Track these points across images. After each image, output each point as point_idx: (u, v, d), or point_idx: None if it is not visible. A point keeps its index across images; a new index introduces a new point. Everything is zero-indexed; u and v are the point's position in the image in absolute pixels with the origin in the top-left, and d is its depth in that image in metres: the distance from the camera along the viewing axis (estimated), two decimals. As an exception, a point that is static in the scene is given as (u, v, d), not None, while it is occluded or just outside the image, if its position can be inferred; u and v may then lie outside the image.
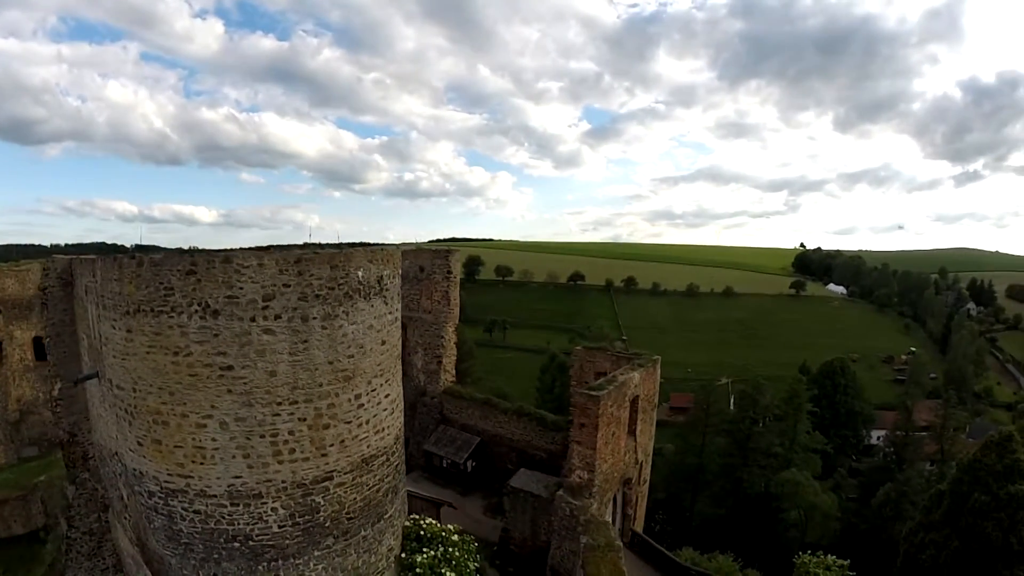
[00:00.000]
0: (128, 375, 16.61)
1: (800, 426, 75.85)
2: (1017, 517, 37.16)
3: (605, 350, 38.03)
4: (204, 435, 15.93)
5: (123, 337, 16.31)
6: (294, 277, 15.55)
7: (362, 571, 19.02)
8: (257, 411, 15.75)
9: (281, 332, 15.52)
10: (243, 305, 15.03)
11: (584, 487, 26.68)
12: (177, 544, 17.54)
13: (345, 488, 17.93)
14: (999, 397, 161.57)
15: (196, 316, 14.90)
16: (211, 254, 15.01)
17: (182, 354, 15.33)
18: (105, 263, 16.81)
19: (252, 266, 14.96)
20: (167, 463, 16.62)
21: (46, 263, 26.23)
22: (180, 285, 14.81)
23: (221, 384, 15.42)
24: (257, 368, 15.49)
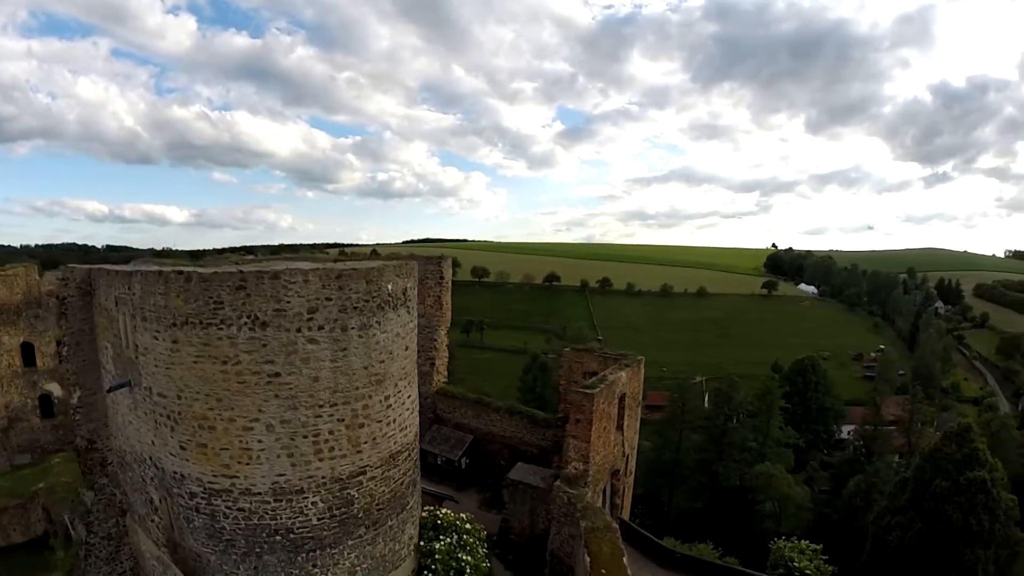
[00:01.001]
0: (173, 383, 17.58)
1: (773, 422, 79.02)
2: (976, 501, 40.33)
3: (593, 351, 40.01)
4: (251, 437, 17.19)
5: (168, 348, 17.27)
6: (335, 291, 17.05)
7: (388, 558, 20.60)
8: (301, 413, 17.16)
9: (323, 341, 16.98)
10: (290, 317, 16.41)
11: (580, 477, 28.64)
12: (219, 541, 18.64)
13: (376, 481, 19.53)
14: (966, 392, 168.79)
15: (245, 328, 16.16)
16: (260, 271, 16.29)
17: (231, 363, 16.53)
18: (147, 277, 17.59)
19: (298, 281, 16.39)
20: (212, 465, 17.75)
21: (65, 272, 25.89)
22: (230, 299, 16.03)
23: (268, 390, 16.74)
24: (302, 374, 16.90)
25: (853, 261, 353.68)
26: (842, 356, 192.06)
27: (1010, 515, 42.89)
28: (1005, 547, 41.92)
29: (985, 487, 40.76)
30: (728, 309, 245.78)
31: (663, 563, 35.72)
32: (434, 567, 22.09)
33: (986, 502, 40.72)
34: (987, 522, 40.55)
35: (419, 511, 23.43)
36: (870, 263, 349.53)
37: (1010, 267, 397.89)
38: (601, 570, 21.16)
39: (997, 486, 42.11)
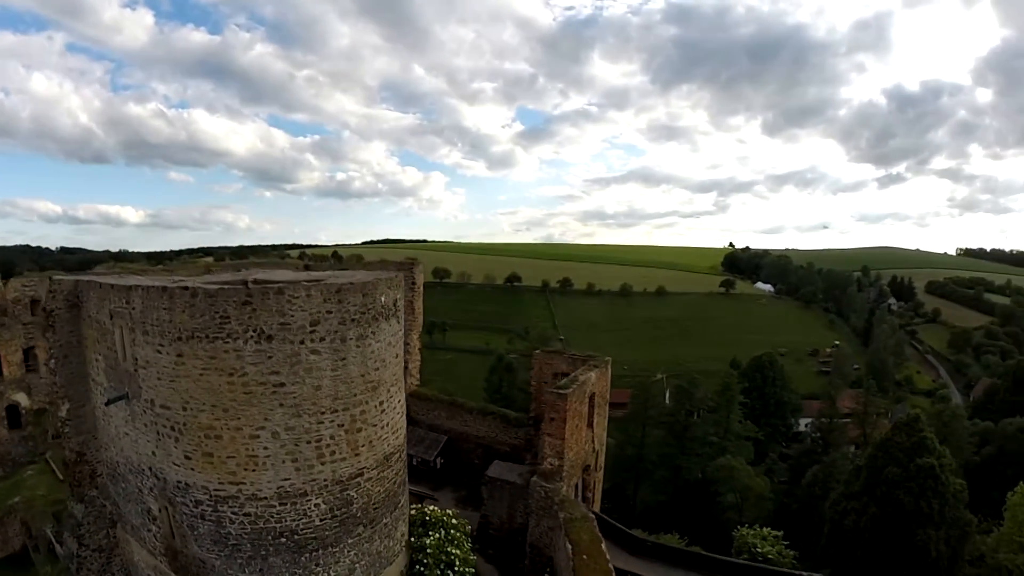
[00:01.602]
0: (177, 395, 18.23)
1: (733, 416, 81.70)
2: (925, 485, 43.05)
3: (562, 353, 41.50)
4: (257, 445, 17.99)
5: (172, 361, 17.92)
6: (335, 305, 18.03)
7: (384, 554, 21.63)
8: (304, 420, 18.07)
9: (325, 352, 17.95)
10: (294, 330, 17.32)
11: (555, 473, 30.20)
12: (224, 546, 19.35)
13: (372, 482, 20.57)
14: (919, 385, 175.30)
15: (252, 341, 16.98)
16: (265, 287, 17.15)
17: (237, 375, 17.30)
18: (149, 292, 18.17)
19: (301, 296, 17.32)
20: (219, 473, 18.45)
21: (52, 285, 25.31)
22: (236, 314, 16.83)
23: (274, 399, 17.59)
24: (305, 384, 17.82)
25: (809, 260, 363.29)
26: (798, 352, 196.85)
27: (959, 498, 45.88)
28: (955, 528, 44.82)
29: (934, 473, 43.48)
30: (687, 307, 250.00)
31: (634, 552, 37.43)
32: (426, 561, 23.29)
33: (935, 487, 43.45)
34: (937, 505, 43.28)
35: (408, 509, 24.51)
36: (825, 262, 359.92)
37: (961, 264, 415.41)
38: (583, 555, 22.58)
39: (945, 471, 44.95)
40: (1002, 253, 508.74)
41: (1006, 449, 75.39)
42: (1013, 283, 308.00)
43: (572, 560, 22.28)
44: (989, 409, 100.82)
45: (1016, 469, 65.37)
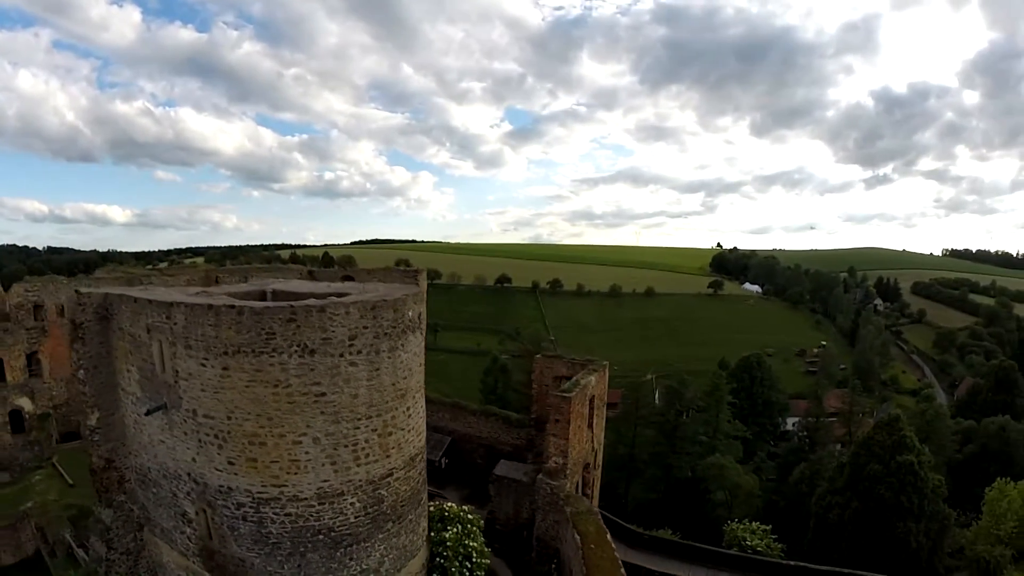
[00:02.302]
0: (222, 406, 19.60)
1: (722, 416, 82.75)
2: (905, 481, 45.36)
3: (561, 357, 43.42)
4: (299, 450, 19.54)
5: (218, 374, 19.28)
6: (371, 320, 19.72)
7: (408, 548, 23.41)
8: (342, 426, 19.74)
9: (361, 363, 19.65)
10: (334, 344, 18.96)
11: (560, 471, 32.21)
12: (265, 545, 20.75)
13: (400, 481, 22.34)
14: (904, 384, 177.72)
15: (296, 355, 18.55)
16: (308, 305, 18.76)
17: (282, 386, 18.83)
18: (194, 310, 19.43)
19: (341, 313, 18.98)
20: (262, 477, 19.90)
21: (81, 298, 25.69)
22: (282, 330, 18.37)
23: (315, 407, 19.19)
24: (344, 393, 19.48)
25: (796, 261, 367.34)
26: (786, 352, 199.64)
27: (938, 493, 48.28)
28: (934, 521, 47.16)
29: (913, 469, 45.77)
30: (676, 308, 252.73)
31: (632, 544, 39.77)
32: (446, 554, 25.20)
33: (914, 482, 45.73)
34: (916, 499, 45.57)
35: (428, 505, 26.21)
36: (812, 262, 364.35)
37: (946, 265, 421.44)
38: (591, 545, 24.50)
39: (924, 468, 47.25)
40: (987, 254, 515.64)
41: (988, 447, 77.54)
42: (998, 284, 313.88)
43: (581, 549, 24.15)
44: (972, 408, 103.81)
45: (997, 466, 67.86)
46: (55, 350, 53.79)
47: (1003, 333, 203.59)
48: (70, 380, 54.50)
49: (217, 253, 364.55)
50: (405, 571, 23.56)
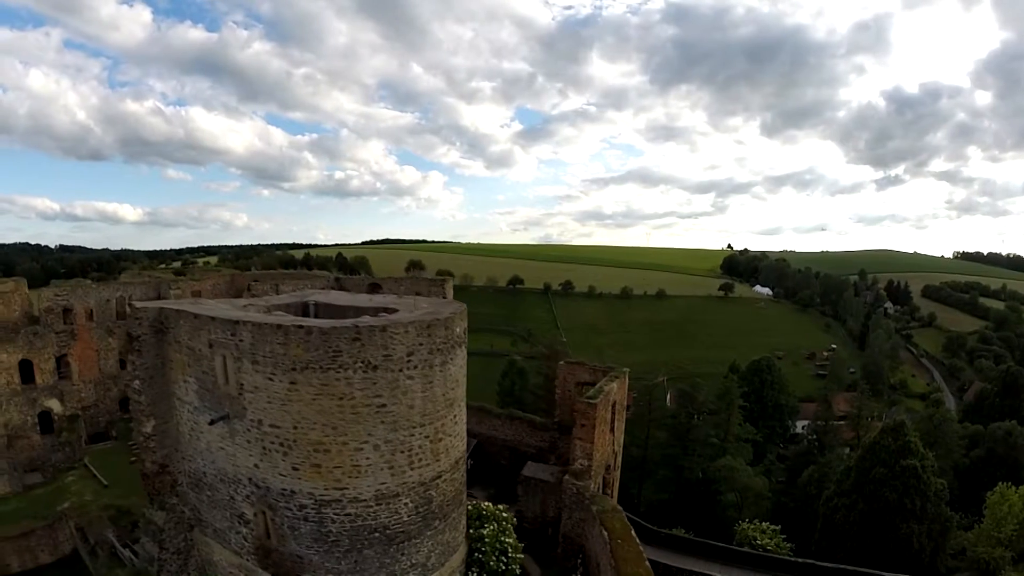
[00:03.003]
0: (289, 416, 21.30)
1: (733, 419, 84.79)
2: (909, 484, 47.51)
3: (584, 364, 45.64)
4: (360, 456, 21.56)
5: (285, 388, 20.96)
6: (426, 338, 21.91)
7: (451, 544, 25.73)
8: (400, 434, 21.90)
9: (417, 377, 21.81)
10: (395, 360, 21.09)
11: (585, 472, 34.55)
12: (324, 542, 22.54)
13: (447, 482, 24.55)
14: (913, 388, 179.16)
15: (360, 371, 20.63)
16: (371, 325, 20.90)
17: (347, 399, 20.86)
18: (262, 329, 21.07)
19: (401, 332, 21.14)
20: (325, 481, 21.75)
21: (137, 312, 26.66)
22: (348, 348, 20.40)
23: (376, 417, 21.30)
24: (401, 404, 21.63)
25: (806, 263, 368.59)
26: (796, 355, 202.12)
27: (940, 496, 50.30)
28: (936, 523, 49.23)
29: (916, 473, 47.86)
30: (686, 310, 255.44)
31: (649, 541, 41.96)
32: (484, 549, 27.50)
33: (918, 485, 47.83)
34: (919, 502, 47.66)
35: (467, 504, 28.48)
36: (823, 264, 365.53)
37: (957, 268, 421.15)
38: (617, 540, 26.76)
39: (927, 472, 49.33)
40: (999, 256, 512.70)
41: (995, 451, 78.59)
42: (1008, 287, 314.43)
43: (609, 544, 26.47)
44: (980, 413, 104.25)
45: (1004, 470, 69.01)
46: (84, 353, 55.54)
47: (1012, 337, 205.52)
48: (98, 382, 56.82)
49: (231, 253, 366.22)
50: (448, 565, 25.72)
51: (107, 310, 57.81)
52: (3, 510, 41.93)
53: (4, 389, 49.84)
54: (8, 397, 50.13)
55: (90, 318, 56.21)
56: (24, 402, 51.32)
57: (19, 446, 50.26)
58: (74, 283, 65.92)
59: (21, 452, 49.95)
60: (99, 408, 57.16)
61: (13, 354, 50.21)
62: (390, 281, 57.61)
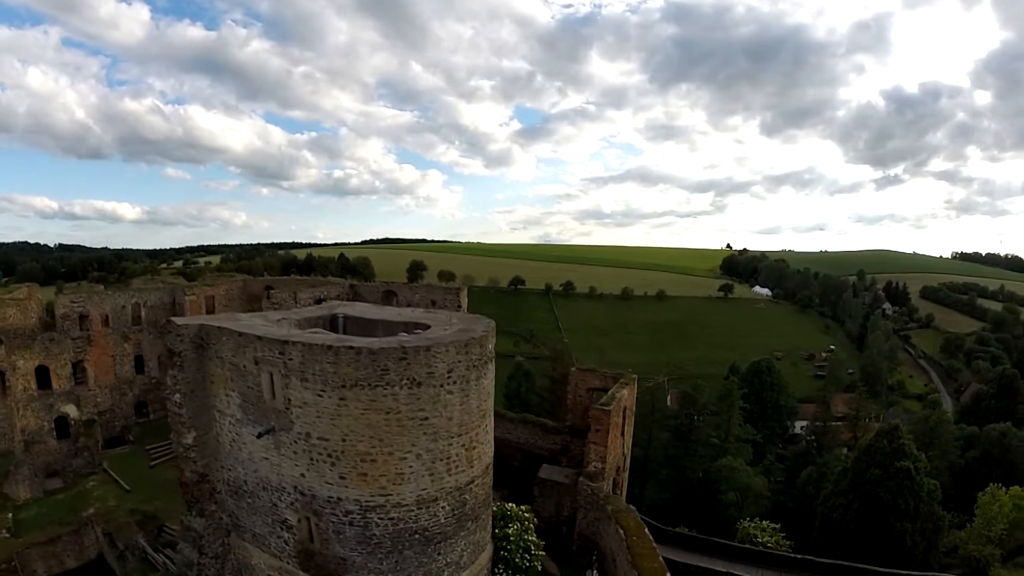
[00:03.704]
0: (338, 430, 22.95)
1: (734, 420, 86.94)
2: (902, 485, 50.07)
3: (595, 370, 48.04)
4: (404, 465, 23.57)
5: (334, 403, 22.61)
6: (464, 355, 24.09)
7: (480, 543, 28.02)
8: (440, 444, 24.04)
9: (456, 391, 23.97)
10: (437, 377, 23.21)
11: (599, 474, 37.03)
12: (367, 545, 24.26)
13: (478, 487, 26.81)
14: (911, 389, 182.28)
15: (405, 387, 22.69)
16: (416, 346, 23.00)
17: (393, 413, 22.86)
18: (312, 349, 22.66)
19: (442, 351, 23.29)
20: (371, 488, 23.53)
21: (179, 329, 27.81)
22: (395, 367, 22.43)
23: (419, 429, 23.40)
24: (442, 416, 23.77)
25: (805, 263, 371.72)
26: (795, 356, 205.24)
27: (932, 496, 52.82)
28: (929, 521, 51.72)
29: (910, 474, 50.37)
30: (686, 311, 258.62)
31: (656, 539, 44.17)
32: (509, 547, 29.90)
33: (911, 486, 50.34)
34: (912, 502, 50.15)
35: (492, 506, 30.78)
36: (822, 264, 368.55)
37: (955, 268, 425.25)
38: (633, 537, 29.24)
39: (920, 474, 51.84)
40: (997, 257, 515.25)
41: (990, 452, 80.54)
42: (1006, 288, 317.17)
43: (625, 541, 28.92)
44: (976, 414, 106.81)
45: (999, 471, 71.49)
46: (100, 358, 56.34)
47: (1010, 339, 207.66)
48: (114, 387, 57.63)
49: (232, 253, 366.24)
50: (477, 563, 27.94)
51: (123, 316, 58.90)
52: (25, 516, 42.64)
53: (21, 395, 50.47)
54: (25, 403, 50.85)
55: (106, 324, 57.26)
56: (41, 407, 52.11)
57: (36, 451, 50.88)
58: (87, 288, 67.10)
59: (38, 457, 50.59)
60: (115, 413, 58.15)
61: (30, 360, 51.00)
62: (405, 289, 58.71)
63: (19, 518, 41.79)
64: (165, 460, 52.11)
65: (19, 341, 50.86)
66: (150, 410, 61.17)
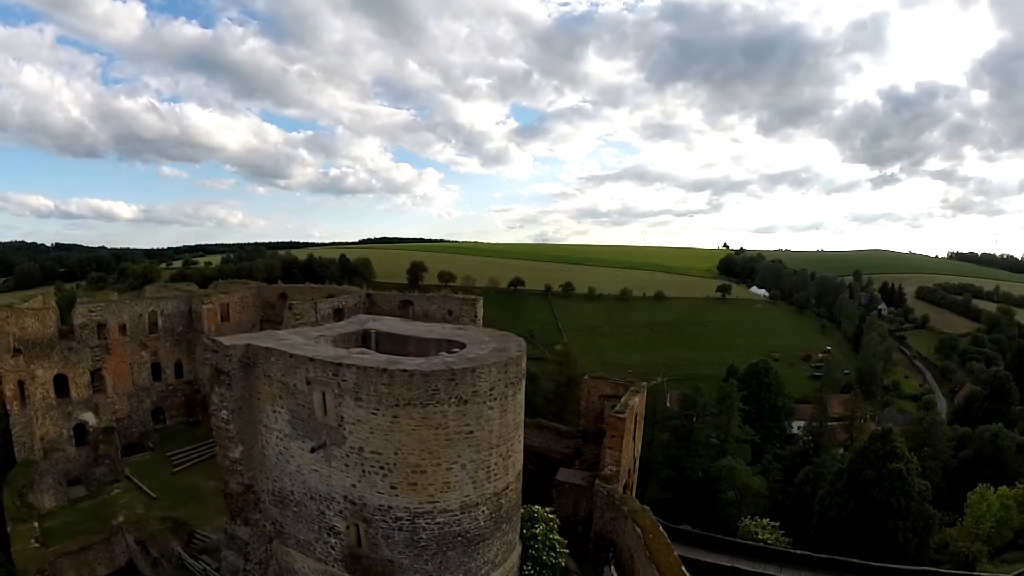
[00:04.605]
0: (390, 444, 25.13)
1: (733, 421, 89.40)
2: (895, 485, 53.38)
3: (607, 378, 50.77)
4: (450, 474, 26.08)
5: (388, 421, 24.80)
6: (503, 374, 26.85)
7: (511, 543, 30.86)
8: (482, 454, 26.78)
9: (496, 407, 26.73)
10: (481, 395, 25.90)
11: (614, 477, 39.85)
12: (415, 548, 26.49)
13: (512, 491, 29.65)
14: (906, 389, 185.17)
15: (453, 405, 25.34)
16: (464, 368, 25.60)
17: (442, 428, 25.41)
18: (367, 372, 24.78)
19: (486, 372, 26.03)
20: (420, 496, 25.76)
21: (228, 350, 29.37)
22: (444, 387, 24.99)
23: (465, 442, 26.07)
24: (484, 430, 26.50)
25: (802, 263, 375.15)
26: (792, 356, 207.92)
27: (923, 496, 56.08)
28: (920, 520, 54.99)
29: (902, 475, 53.58)
30: (685, 312, 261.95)
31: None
32: (536, 546, 32.88)
33: (903, 487, 53.56)
34: (904, 501, 53.37)
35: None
36: (818, 264, 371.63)
37: (951, 269, 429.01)
38: (649, 535, 32.26)
39: (911, 474, 55.04)
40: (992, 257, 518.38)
41: (982, 452, 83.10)
42: (1001, 289, 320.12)
43: (643, 538, 31.93)
44: (969, 415, 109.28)
45: (991, 471, 74.12)
46: (117, 366, 57.36)
47: (1004, 340, 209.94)
48: (131, 394, 59.01)
49: (232, 254, 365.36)
50: (509, 561, 30.75)
51: (140, 324, 59.85)
52: (51, 524, 43.31)
53: (40, 404, 50.92)
54: (44, 411, 51.40)
55: (123, 332, 58.14)
56: (59, 415, 52.61)
57: (54, 459, 51.38)
58: (102, 296, 67.86)
59: (56, 464, 51.02)
60: (132, 419, 58.99)
61: (48, 369, 51.59)
62: (422, 299, 59.81)
63: (45, 527, 42.13)
64: (188, 467, 54.04)
65: (38, 351, 51.54)
66: (167, 416, 62.78)
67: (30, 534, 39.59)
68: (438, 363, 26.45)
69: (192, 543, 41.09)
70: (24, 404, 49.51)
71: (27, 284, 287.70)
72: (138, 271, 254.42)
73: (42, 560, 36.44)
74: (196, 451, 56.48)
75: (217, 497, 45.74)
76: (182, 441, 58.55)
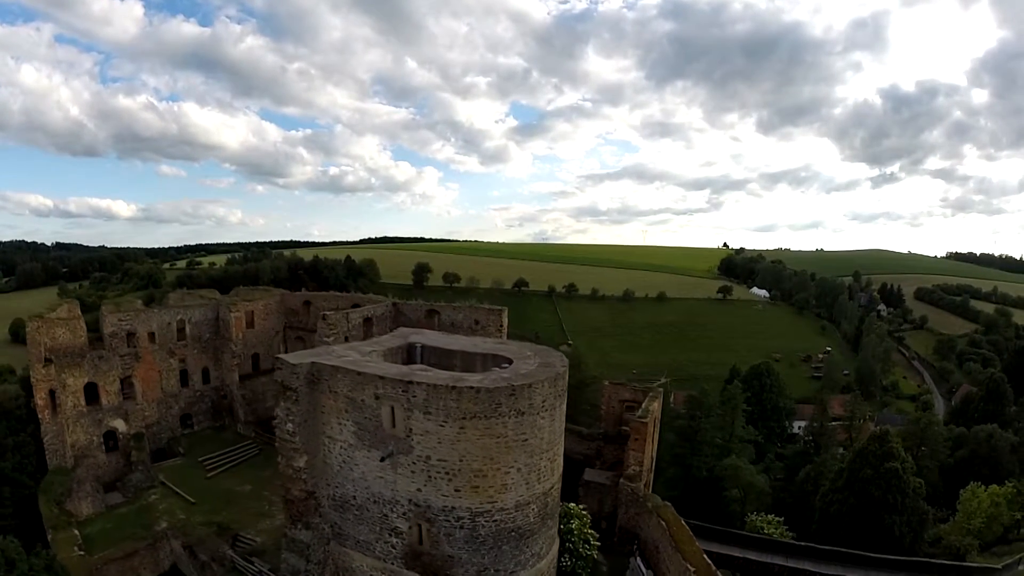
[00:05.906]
0: (456, 453, 28.23)
1: (736, 422, 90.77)
2: (891, 483, 57.61)
3: (626, 384, 55.10)
4: (507, 477, 29.25)
5: (455, 432, 27.89)
6: (553, 388, 30.64)
7: (553, 536, 34.79)
8: (534, 459, 30.52)
9: (548, 417, 30.49)
10: (535, 407, 29.60)
11: (637, 476, 44.01)
12: (474, 543, 29.70)
13: (556, 490, 33.54)
14: (905, 390, 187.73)
15: (512, 417, 28.96)
16: (522, 384, 29.18)
17: (502, 437, 28.99)
18: (437, 389, 27.86)
19: (540, 387, 29.78)
20: (480, 498, 28.98)
21: (295, 368, 31.45)
22: (506, 401, 28.54)
23: (521, 449, 29.78)
24: (537, 437, 30.19)
25: (802, 263, 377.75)
26: (792, 357, 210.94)
27: (918, 493, 60.10)
28: (914, 515, 59.08)
29: (898, 474, 57.71)
30: (686, 312, 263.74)
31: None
32: (573, 539, 37.11)
33: (899, 484, 57.63)
34: (899, 498, 57.43)
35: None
36: (818, 265, 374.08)
37: (949, 269, 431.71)
38: (673, 528, 36.48)
39: (907, 473, 59.10)
40: (991, 257, 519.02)
41: (977, 452, 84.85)
42: (999, 290, 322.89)
43: (668, 530, 36.10)
44: (965, 416, 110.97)
45: (986, 470, 76.86)
46: (147, 374, 58.43)
47: (1001, 341, 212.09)
48: (160, 401, 60.55)
49: (237, 255, 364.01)
50: (551, 553, 34.54)
51: (168, 332, 61.13)
52: (91, 531, 43.61)
53: (71, 411, 51.30)
54: (75, 419, 51.82)
55: (152, 340, 59.39)
56: (90, 423, 53.15)
57: (85, 465, 51.93)
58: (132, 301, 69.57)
59: (88, 471, 51.45)
60: (161, 425, 60.09)
61: (79, 378, 52.06)
62: (448, 308, 61.76)
63: (85, 533, 42.38)
64: (221, 471, 55.64)
65: (68, 360, 51.96)
66: (194, 422, 64.53)
67: (72, 541, 39.91)
68: (498, 380, 30.09)
69: (237, 546, 42.38)
70: (55, 412, 50.39)
71: (29, 284, 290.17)
72: (142, 272, 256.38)
73: (88, 568, 37.01)
74: (227, 456, 57.95)
75: (255, 500, 49.58)
76: (210, 446, 59.67)
